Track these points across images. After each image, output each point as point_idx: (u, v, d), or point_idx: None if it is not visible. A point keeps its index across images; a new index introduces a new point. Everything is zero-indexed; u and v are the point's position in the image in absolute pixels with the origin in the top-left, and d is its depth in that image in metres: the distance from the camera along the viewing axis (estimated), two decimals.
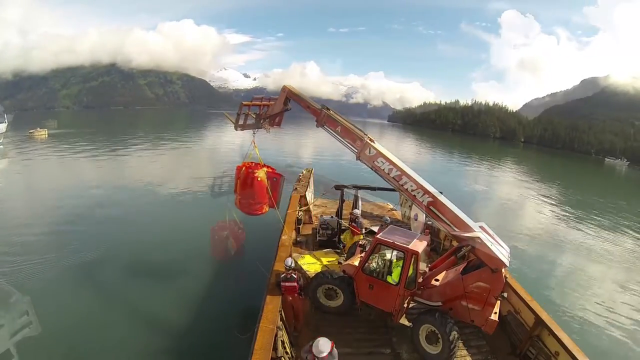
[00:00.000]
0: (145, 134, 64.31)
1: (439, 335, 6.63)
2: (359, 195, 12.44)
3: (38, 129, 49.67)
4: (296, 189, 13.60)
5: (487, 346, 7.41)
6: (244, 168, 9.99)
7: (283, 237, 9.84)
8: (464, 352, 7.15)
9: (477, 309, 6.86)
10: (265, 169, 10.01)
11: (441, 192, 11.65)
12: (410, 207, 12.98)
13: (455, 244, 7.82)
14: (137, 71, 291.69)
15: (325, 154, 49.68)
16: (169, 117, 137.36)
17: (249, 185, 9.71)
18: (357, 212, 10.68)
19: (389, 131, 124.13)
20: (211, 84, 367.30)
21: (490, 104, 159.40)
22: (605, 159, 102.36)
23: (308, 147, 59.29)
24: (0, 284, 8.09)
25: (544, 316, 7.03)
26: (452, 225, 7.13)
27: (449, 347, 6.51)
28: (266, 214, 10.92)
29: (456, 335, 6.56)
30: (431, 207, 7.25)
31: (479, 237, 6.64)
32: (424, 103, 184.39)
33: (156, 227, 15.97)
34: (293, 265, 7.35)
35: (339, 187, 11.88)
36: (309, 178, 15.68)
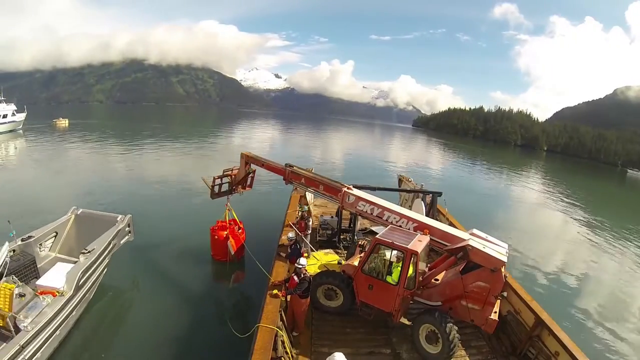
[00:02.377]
0: (165, 129, 64.67)
1: (439, 335, 6.62)
2: None
3: (60, 118, 56.47)
4: (296, 189, 13.61)
5: (487, 346, 7.40)
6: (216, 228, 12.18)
7: (283, 237, 9.86)
8: (464, 352, 7.14)
9: (477, 308, 6.87)
10: (228, 231, 11.92)
11: (440, 194, 11.78)
12: (410, 207, 12.98)
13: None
14: (169, 68, 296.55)
15: (326, 154, 49.83)
16: (199, 114, 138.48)
17: (217, 241, 12.06)
18: (305, 207, 11.58)
19: (408, 136, 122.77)
20: (242, 83, 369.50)
21: (515, 110, 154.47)
22: (628, 170, 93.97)
23: (308, 147, 59.35)
24: None
25: (544, 316, 7.01)
26: (443, 242, 7.45)
27: (449, 346, 6.51)
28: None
29: (456, 335, 6.56)
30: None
31: (469, 244, 6.72)
32: (449, 109, 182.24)
33: (155, 225, 15.93)
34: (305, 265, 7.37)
35: None
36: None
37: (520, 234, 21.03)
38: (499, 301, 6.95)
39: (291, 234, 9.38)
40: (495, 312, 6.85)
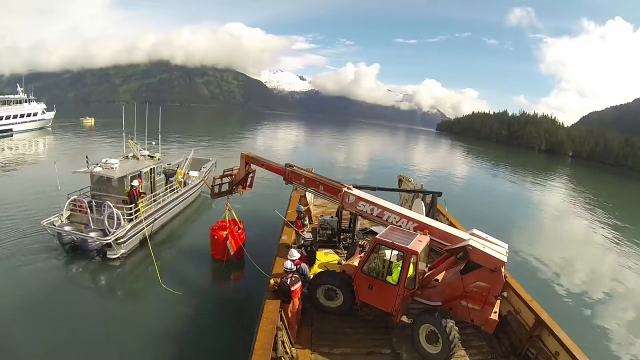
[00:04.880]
0: (192, 129, 65.20)
1: (439, 335, 6.61)
2: None
3: (87, 117, 60.98)
4: (296, 189, 13.60)
5: (487, 346, 7.40)
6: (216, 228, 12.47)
7: (283, 237, 9.86)
8: (464, 352, 7.13)
9: (477, 308, 6.87)
10: (227, 231, 12.04)
11: (440, 194, 11.77)
12: (410, 207, 12.97)
13: None
14: (194, 70, 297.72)
15: (326, 154, 49.82)
16: (224, 115, 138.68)
17: (217, 241, 12.31)
18: (301, 207, 11.48)
19: (431, 139, 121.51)
20: (267, 85, 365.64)
21: (539, 114, 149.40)
22: None
23: (309, 146, 59.40)
24: None
25: (544, 316, 7.01)
26: (442, 242, 7.43)
27: (449, 346, 6.50)
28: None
29: (456, 335, 6.55)
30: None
31: (469, 244, 6.71)
32: (473, 112, 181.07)
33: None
34: (294, 267, 7.34)
35: None
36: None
37: (521, 234, 21.03)
38: (499, 301, 6.95)
39: (308, 235, 9.24)
40: (495, 312, 6.85)
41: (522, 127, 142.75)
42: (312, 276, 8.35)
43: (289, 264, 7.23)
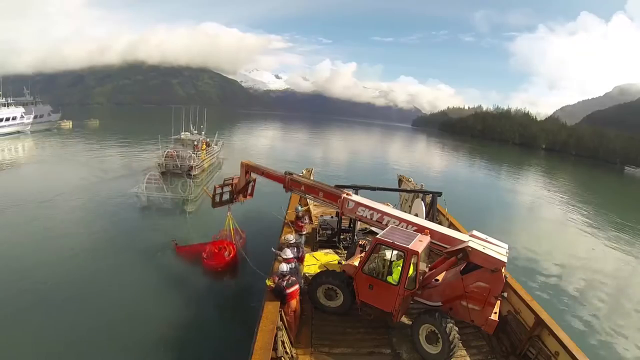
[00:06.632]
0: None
1: (439, 335, 6.61)
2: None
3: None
4: None
5: (487, 346, 7.39)
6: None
7: (283, 238, 9.85)
8: (464, 352, 7.12)
9: (477, 308, 6.86)
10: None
11: (440, 194, 11.77)
12: (410, 207, 12.99)
13: None
14: (169, 70, 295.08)
15: (326, 154, 49.83)
16: (199, 116, 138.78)
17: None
18: (300, 207, 11.50)
19: (407, 135, 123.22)
20: (242, 85, 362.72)
21: (513, 109, 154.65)
22: (625, 167, 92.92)
23: (309, 146, 59.37)
24: None
25: (544, 316, 7.00)
26: (442, 244, 7.45)
27: (449, 346, 6.50)
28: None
29: (456, 335, 6.55)
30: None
31: (468, 246, 6.72)
32: (448, 108, 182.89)
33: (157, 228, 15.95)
34: (289, 269, 7.33)
35: (338, 188, 11.92)
36: (309, 178, 15.69)
37: (521, 234, 21.02)
38: (499, 301, 6.94)
39: (291, 236, 9.28)
40: (495, 313, 6.84)
41: (497, 121, 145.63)
42: (310, 276, 8.35)
43: (284, 267, 7.22)
